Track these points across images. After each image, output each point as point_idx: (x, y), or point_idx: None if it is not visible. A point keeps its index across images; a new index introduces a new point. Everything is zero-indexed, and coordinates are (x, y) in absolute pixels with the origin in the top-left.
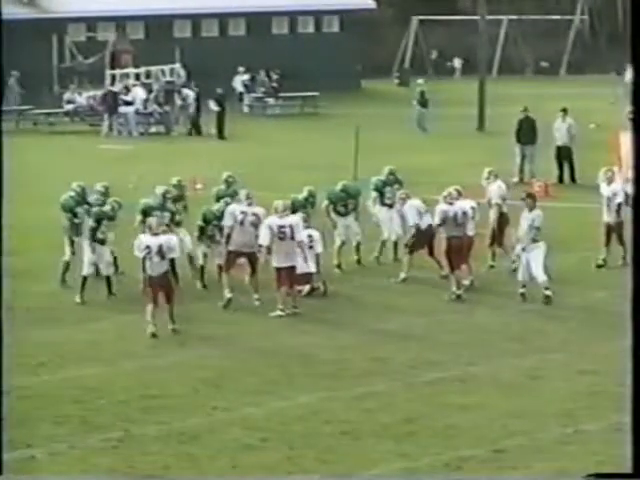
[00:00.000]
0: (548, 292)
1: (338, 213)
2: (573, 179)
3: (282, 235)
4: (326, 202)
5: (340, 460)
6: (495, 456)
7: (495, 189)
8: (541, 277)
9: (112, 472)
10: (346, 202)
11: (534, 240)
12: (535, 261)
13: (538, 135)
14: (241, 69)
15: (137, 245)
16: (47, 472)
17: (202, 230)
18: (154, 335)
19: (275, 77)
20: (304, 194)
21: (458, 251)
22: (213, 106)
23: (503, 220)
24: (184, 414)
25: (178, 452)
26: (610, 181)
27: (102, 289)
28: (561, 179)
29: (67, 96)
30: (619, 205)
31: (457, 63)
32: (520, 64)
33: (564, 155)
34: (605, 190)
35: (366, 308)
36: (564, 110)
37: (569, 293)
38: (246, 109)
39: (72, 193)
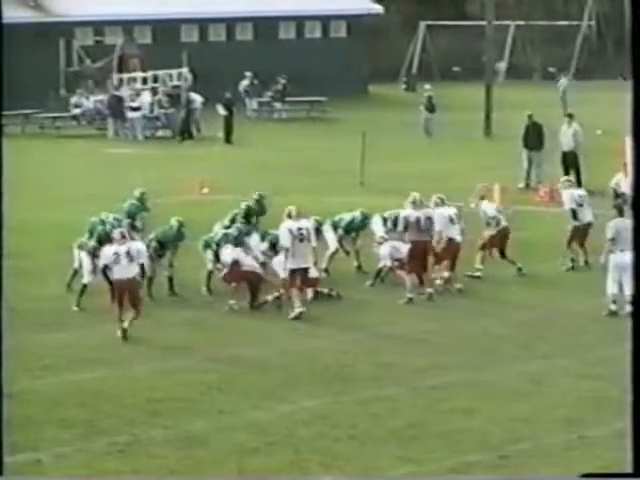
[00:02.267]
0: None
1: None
2: (579, 184)
3: (302, 237)
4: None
5: (346, 465)
6: (500, 461)
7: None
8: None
9: (118, 476)
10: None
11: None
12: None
13: (545, 140)
14: (248, 74)
15: (103, 253)
16: (52, 476)
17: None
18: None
19: (282, 82)
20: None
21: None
22: (221, 110)
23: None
24: (190, 418)
25: (184, 456)
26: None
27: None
28: None
29: (74, 100)
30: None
31: (502, 67)
32: (528, 69)
33: (570, 161)
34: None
35: (372, 313)
36: (570, 115)
37: (575, 299)
38: (252, 113)
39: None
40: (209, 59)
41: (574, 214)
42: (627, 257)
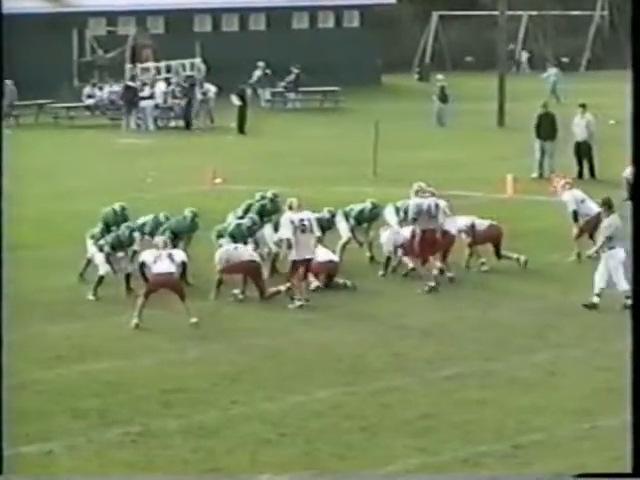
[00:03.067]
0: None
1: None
2: (593, 175)
3: (303, 228)
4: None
5: (358, 455)
6: (513, 452)
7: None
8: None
9: (131, 466)
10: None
11: (610, 247)
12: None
13: (558, 130)
14: (260, 64)
15: (143, 257)
16: (64, 467)
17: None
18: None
19: (295, 72)
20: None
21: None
22: (235, 101)
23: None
24: (203, 409)
25: (196, 446)
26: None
27: (120, 285)
28: (580, 175)
29: (87, 90)
30: None
31: (524, 57)
32: (540, 60)
33: (583, 151)
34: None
35: (384, 304)
36: (583, 106)
37: (588, 289)
38: (265, 104)
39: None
40: (222, 49)
41: (575, 216)
42: (620, 253)
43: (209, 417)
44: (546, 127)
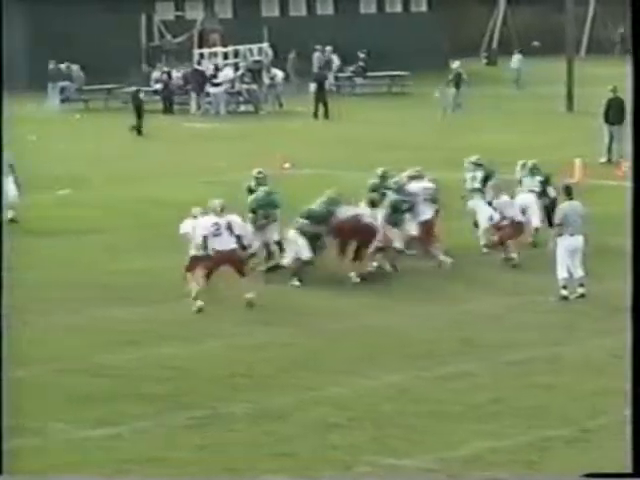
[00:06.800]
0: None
1: None
2: None
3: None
4: None
5: (426, 440)
6: (581, 436)
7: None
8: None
9: (199, 450)
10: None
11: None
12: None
13: (627, 115)
14: (328, 48)
15: (201, 224)
16: (132, 450)
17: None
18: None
19: (362, 56)
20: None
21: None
22: (312, 87)
23: None
24: (271, 393)
25: (264, 431)
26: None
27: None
28: None
29: (155, 75)
30: None
31: (618, 37)
32: (609, 43)
33: None
34: None
35: (454, 288)
36: None
37: None
38: (333, 88)
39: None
40: (289, 34)
41: None
42: (577, 241)
43: (277, 401)
44: (615, 112)
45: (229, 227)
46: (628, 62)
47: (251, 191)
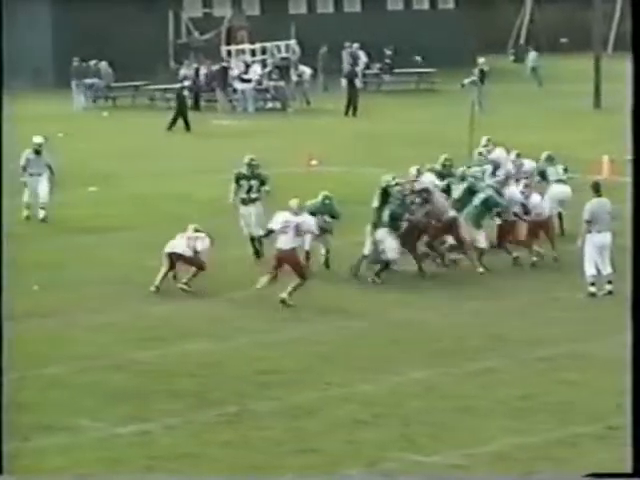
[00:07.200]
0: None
1: None
2: None
3: None
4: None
5: (454, 436)
6: (609, 432)
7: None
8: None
9: (227, 446)
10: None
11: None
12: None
13: None
14: (355, 45)
15: (274, 218)
16: (161, 446)
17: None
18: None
19: (388, 53)
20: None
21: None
22: (344, 84)
23: None
24: (299, 389)
25: (292, 427)
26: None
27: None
28: None
29: (183, 72)
30: None
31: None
32: None
33: None
34: None
35: (482, 285)
36: None
37: None
38: (360, 85)
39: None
40: (317, 31)
41: None
42: (605, 238)
43: (305, 398)
44: None
45: (297, 227)
46: None
47: (243, 178)
